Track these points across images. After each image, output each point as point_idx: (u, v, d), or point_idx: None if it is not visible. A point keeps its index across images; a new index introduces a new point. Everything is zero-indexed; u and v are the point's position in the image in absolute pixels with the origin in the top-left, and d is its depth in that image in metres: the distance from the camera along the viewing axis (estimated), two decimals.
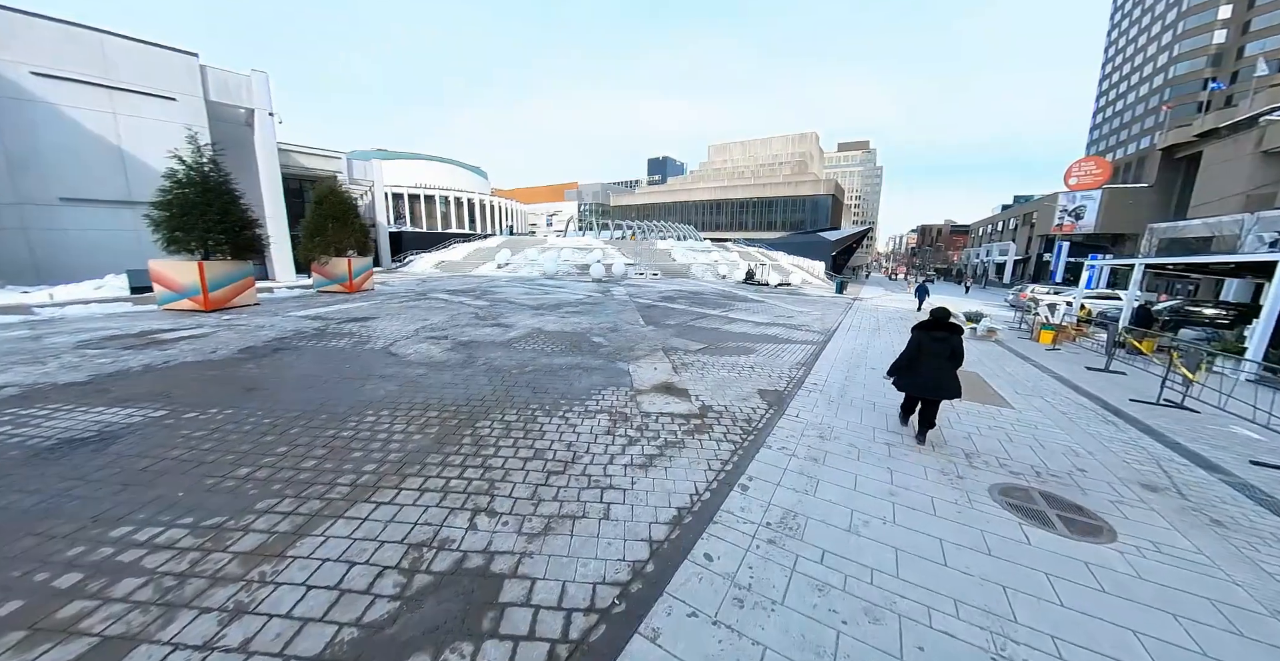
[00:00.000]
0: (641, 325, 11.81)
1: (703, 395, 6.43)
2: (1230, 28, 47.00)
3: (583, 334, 10.34)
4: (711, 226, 75.60)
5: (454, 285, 21.19)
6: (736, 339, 10.71)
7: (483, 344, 8.98)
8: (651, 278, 28.88)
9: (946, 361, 4.89)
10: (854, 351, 10.21)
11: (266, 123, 20.60)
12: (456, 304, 14.48)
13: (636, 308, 15.31)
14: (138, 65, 16.92)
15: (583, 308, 14.73)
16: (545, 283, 24.06)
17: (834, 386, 7.34)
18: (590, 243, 36.69)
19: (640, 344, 9.52)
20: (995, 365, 9.86)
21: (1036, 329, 13.92)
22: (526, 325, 11.10)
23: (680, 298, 19.10)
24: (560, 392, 6.29)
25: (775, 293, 25.22)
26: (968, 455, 4.98)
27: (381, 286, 19.62)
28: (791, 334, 11.96)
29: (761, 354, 9.30)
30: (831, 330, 13.07)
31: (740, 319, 14.00)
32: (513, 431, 4.97)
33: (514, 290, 19.53)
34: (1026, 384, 8.38)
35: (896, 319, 16.77)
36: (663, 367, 7.74)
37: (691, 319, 13.41)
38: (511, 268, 30.57)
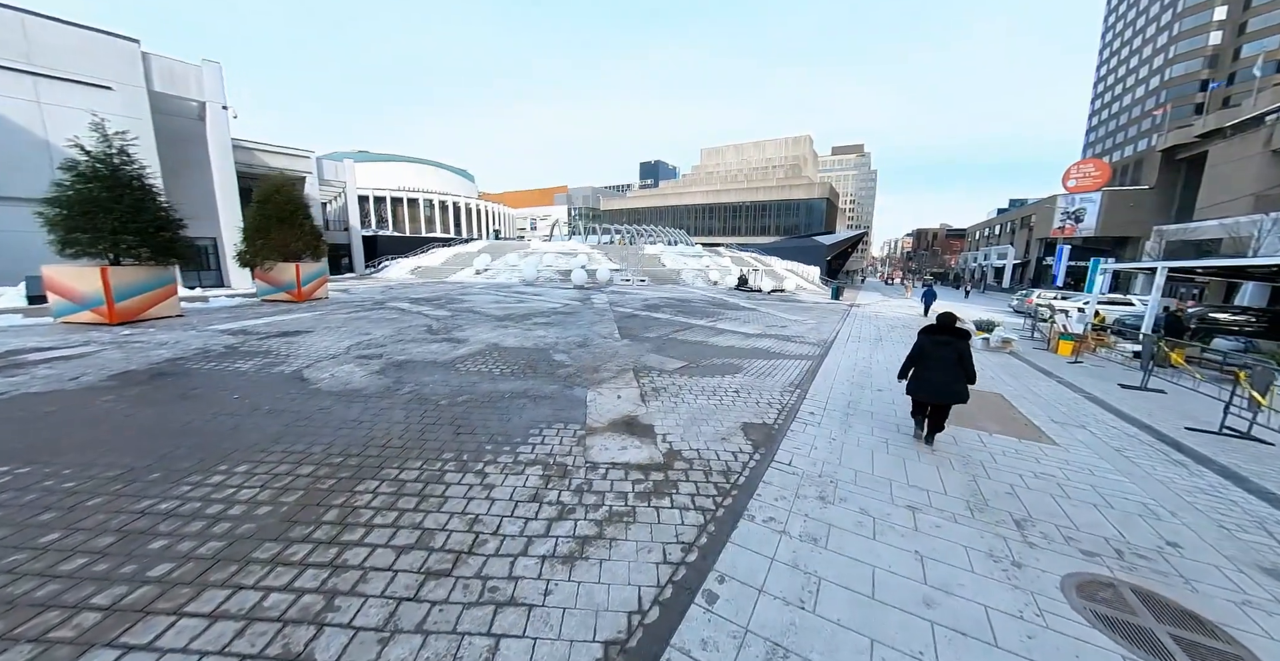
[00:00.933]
0: (616, 339, 10.56)
1: (672, 434, 5.17)
2: (1226, 29, 47.02)
3: (545, 350, 9.07)
4: (704, 231, 74.78)
5: (421, 293, 19.85)
6: (722, 354, 9.49)
7: (420, 365, 7.68)
8: (639, 284, 27.69)
9: (952, 366, 4.84)
10: (855, 367, 9.02)
11: (219, 117, 19.29)
12: (413, 314, 13.17)
13: (615, 317, 14.07)
14: (67, 50, 15.55)
15: (555, 318, 13.47)
16: (523, 289, 22.78)
17: (835, 415, 6.12)
18: (575, 247, 35.50)
19: (609, 362, 8.26)
20: (1018, 383, 8.70)
21: (1054, 338, 12.83)
22: (482, 340, 9.81)
23: (666, 306, 17.88)
24: (490, 433, 5.01)
25: (768, 299, 24.09)
26: (1019, 523, 3.76)
27: (340, 294, 18.26)
28: (784, 347, 10.76)
29: (750, 373, 8.07)
30: (829, 342, 11.89)
31: (729, 330, 12.79)
32: (403, 498, 3.69)
33: (485, 298, 18.23)
34: (1060, 408, 7.20)
35: (899, 327, 15.65)
36: (629, 395, 6.48)
37: (674, 330, 12.18)
38: (490, 273, 29.27)
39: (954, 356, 4.86)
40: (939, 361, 4.91)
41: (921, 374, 5.02)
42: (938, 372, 4.90)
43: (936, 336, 5.05)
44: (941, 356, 4.91)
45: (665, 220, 75.50)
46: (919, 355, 5.08)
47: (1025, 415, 6.72)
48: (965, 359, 4.86)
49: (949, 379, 4.85)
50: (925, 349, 5.04)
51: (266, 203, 13.91)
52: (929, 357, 4.99)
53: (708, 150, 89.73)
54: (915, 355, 5.13)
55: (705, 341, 10.82)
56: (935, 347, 4.98)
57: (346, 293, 19.57)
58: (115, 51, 16.46)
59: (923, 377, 5.00)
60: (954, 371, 4.85)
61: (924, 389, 5.00)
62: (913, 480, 4.40)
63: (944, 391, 4.88)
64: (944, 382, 4.87)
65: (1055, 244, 45.15)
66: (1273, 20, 42.88)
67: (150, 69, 17.42)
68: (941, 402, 4.98)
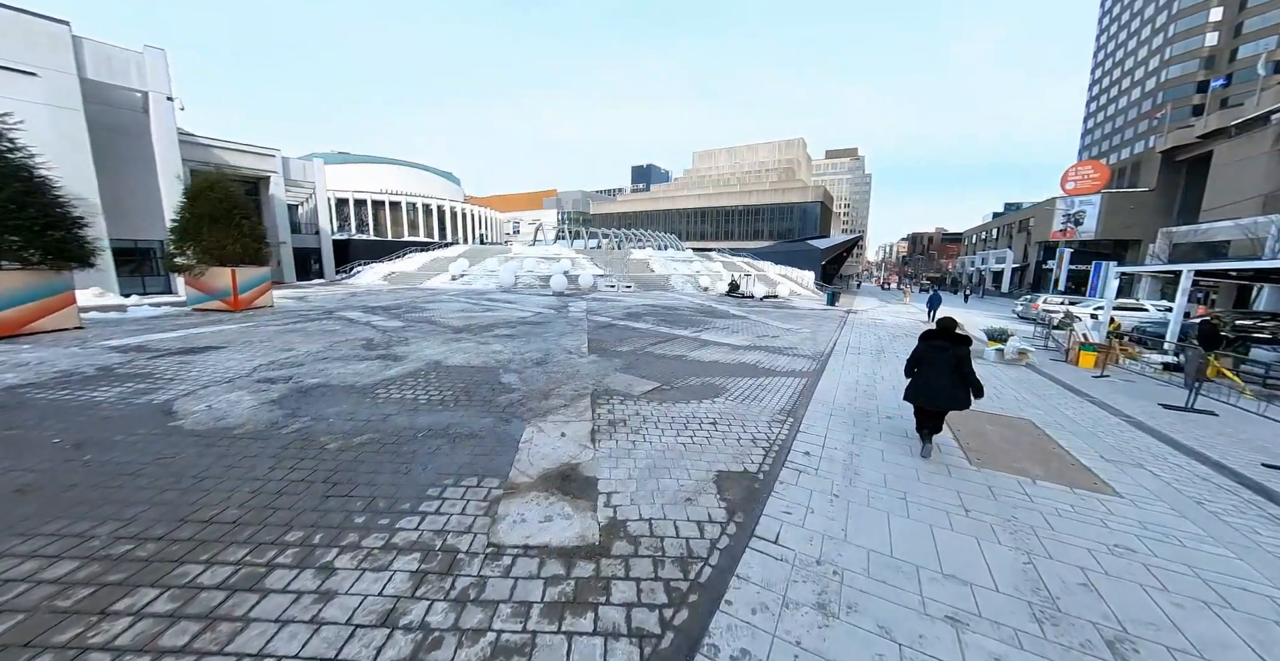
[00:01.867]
0: (582, 354, 9.32)
1: (619, 493, 3.93)
2: (1222, 30, 47.06)
3: (494, 370, 7.81)
4: (696, 236, 73.96)
5: (384, 300, 18.51)
6: (703, 372, 8.27)
7: (332, 391, 6.40)
8: (624, 290, 26.52)
9: (949, 372, 4.80)
10: (857, 386, 7.83)
11: (164, 109, 17.97)
12: (359, 326, 11.85)
13: (589, 328, 12.83)
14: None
15: (520, 329, 12.21)
16: (497, 297, 21.51)
17: (836, 456, 4.91)
18: (560, 252, 34.31)
19: (565, 385, 7.01)
20: (1045, 404, 7.56)
21: (1074, 349, 11.76)
22: (424, 357, 8.53)
23: (649, 314, 16.68)
24: (372, 496, 3.74)
25: (761, 306, 22.98)
26: (1113, 645, 2.55)
27: (291, 303, 16.88)
28: (775, 361, 9.58)
29: (733, 396, 6.86)
30: (825, 354, 10.73)
31: (714, 341, 11.59)
32: (177, 625, 2.41)
33: (451, 306, 16.93)
34: (1104, 438, 6.04)
35: (901, 336, 14.54)
36: (576, 431, 5.23)
37: (653, 343, 10.97)
38: (467, 280, 27.97)
39: (951, 362, 4.81)
40: (936, 367, 4.87)
41: (919, 379, 5.00)
42: (934, 378, 4.87)
43: (934, 342, 4.99)
44: (939, 362, 4.87)
45: (656, 224, 74.62)
46: (917, 361, 5.06)
47: (1067, 450, 5.55)
48: (964, 365, 4.77)
49: (946, 385, 4.81)
50: (923, 354, 5.00)
51: (198, 200, 12.56)
52: (926, 363, 4.96)
53: (699, 153, 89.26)
54: (913, 360, 5.11)
55: (685, 356, 9.60)
56: (932, 353, 4.93)
57: (303, 300, 18.18)
58: (41, 34, 15.14)
59: (920, 383, 4.98)
60: (951, 377, 4.80)
61: (920, 394, 4.96)
62: (948, 563, 3.18)
63: (940, 397, 4.85)
64: (940, 388, 4.83)
65: (1055, 247, 44.64)
66: (1270, 21, 42.90)
67: (83, 55, 16.11)
68: (937, 408, 4.95)
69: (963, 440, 5.63)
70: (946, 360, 4.84)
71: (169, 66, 17.50)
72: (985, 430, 6.11)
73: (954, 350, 4.85)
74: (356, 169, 65.19)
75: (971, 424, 6.30)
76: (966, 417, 6.51)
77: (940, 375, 4.85)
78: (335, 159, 67.73)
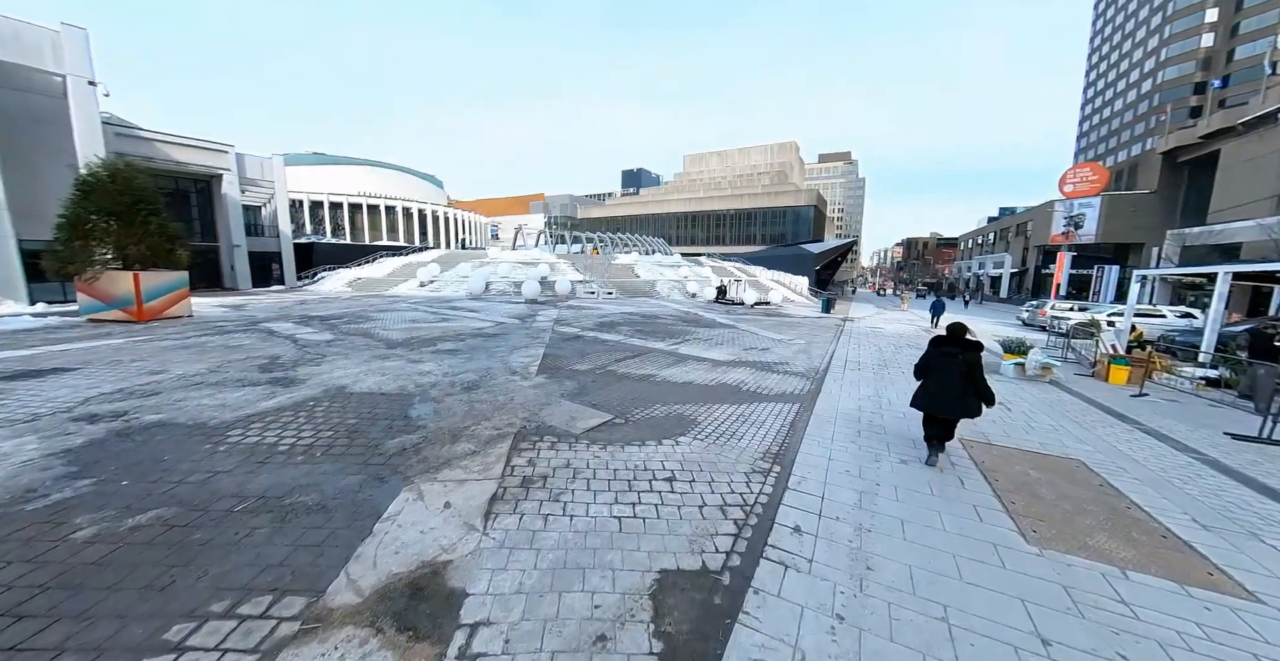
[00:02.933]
0: (529, 375, 7.86)
1: (492, 625, 2.47)
2: (1218, 31, 47.03)
3: (407, 398, 6.33)
4: (686, 240, 72.93)
5: (330, 310, 16.91)
6: (672, 398, 6.84)
7: (168, 433, 4.90)
8: (604, 297, 25.12)
9: (959, 379, 4.70)
10: (860, 415, 6.44)
11: (86, 94, 16.38)
12: (276, 340, 10.31)
13: (551, 341, 11.38)
14: None
15: (469, 343, 10.73)
16: (463, 304, 20.00)
17: (839, 533, 3.50)
18: (539, 257, 32.88)
19: (488, 421, 5.55)
20: (1090, 435, 6.21)
21: (1103, 362, 10.49)
22: (327, 381, 7.03)
23: (625, 323, 15.26)
24: (63, 642, 2.26)
25: (751, 313, 21.66)
26: None
27: (220, 312, 15.24)
28: (763, 381, 8.18)
29: (703, 433, 5.44)
30: (821, 371, 9.35)
31: (693, 356, 10.18)
32: None
33: (403, 316, 15.39)
34: (1186, 489, 4.68)
35: (905, 347, 13.22)
36: (469, 498, 3.77)
37: (620, 359, 9.53)
38: (436, 286, 26.41)
39: (961, 369, 4.71)
40: (945, 374, 4.78)
41: (928, 386, 4.90)
42: (944, 385, 4.77)
43: (944, 348, 4.89)
44: (948, 368, 4.77)
45: (646, 229, 73.55)
46: (925, 367, 4.97)
47: (1146, 510, 4.18)
48: (975, 372, 4.68)
49: (955, 392, 4.71)
50: (932, 361, 4.92)
51: (92, 193, 10.98)
52: (935, 370, 4.87)
53: (691, 156, 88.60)
54: (921, 367, 5.02)
55: (654, 376, 8.17)
56: (942, 359, 4.84)
57: (238, 309, 16.54)
58: None
59: (929, 390, 4.87)
60: (961, 384, 4.71)
61: (929, 402, 4.85)
62: None
63: (950, 405, 4.74)
64: (950, 396, 4.73)
65: (1054, 252, 43.96)
66: (1267, 21, 42.83)
67: None
68: (947, 417, 4.84)
69: (1007, 499, 4.24)
70: (956, 367, 4.71)
71: (90, 49, 15.96)
72: (1031, 479, 4.73)
73: (964, 356, 4.72)
74: (332, 170, 63.51)
75: (1012, 468, 4.93)
76: (1004, 460, 5.14)
77: (950, 382, 4.72)
78: (309, 160, 66.07)
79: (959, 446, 5.46)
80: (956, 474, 4.71)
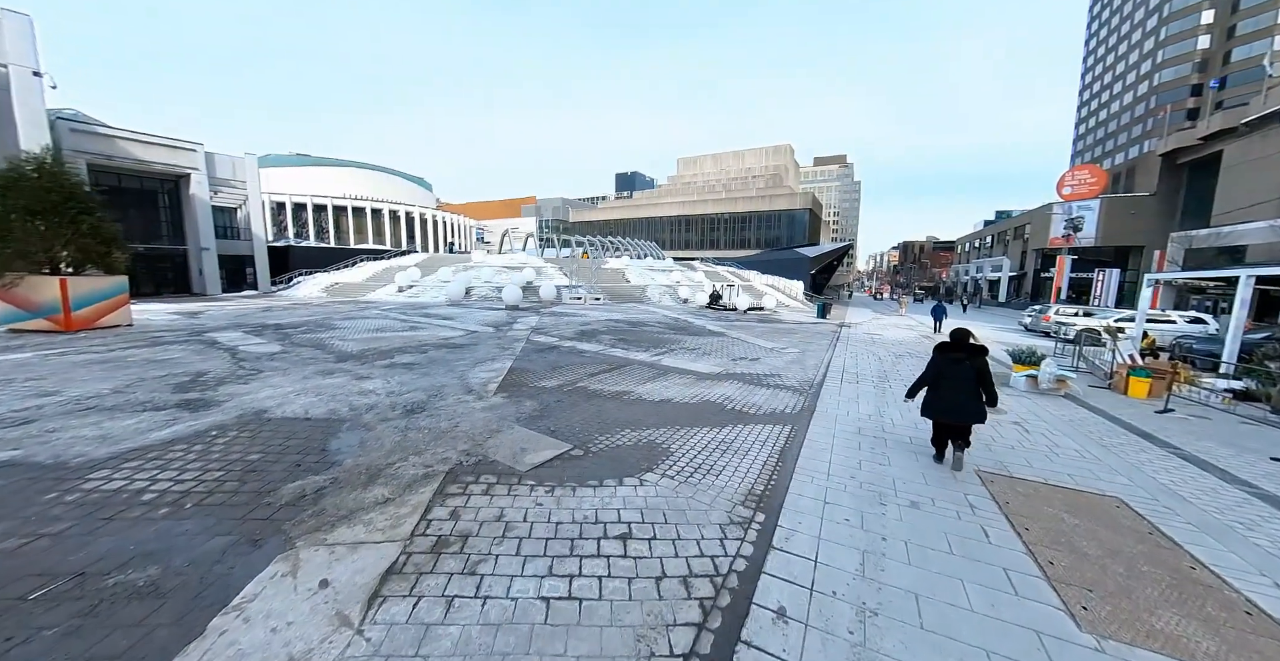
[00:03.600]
0: (485, 394, 7.04)
1: None
2: (1214, 33, 47.13)
3: (334, 424, 5.50)
4: (680, 244, 72.36)
5: (292, 317, 16.00)
6: (645, 420, 6.05)
7: (7, 475, 4.04)
8: (592, 303, 24.33)
9: (969, 384, 4.73)
10: (861, 438, 5.66)
11: (30, 85, 15.48)
12: (213, 353, 9.42)
13: (523, 352, 10.57)
14: None
15: (430, 356, 9.90)
16: (438, 311, 19.14)
17: (838, 616, 2.70)
18: (525, 261, 32.08)
19: (421, 454, 4.73)
20: (1123, 463, 5.46)
21: (1121, 374, 9.79)
22: (248, 403, 6.18)
23: (608, 331, 14.47)
24: None
25: (744, 319, 20.93)
26: None
27: (169, 320, 14.30)
28: (751, 397, 7.40)
29: (675, 467, 4.65)
30: (817, 384, 8.59)
31: (677, 368, 9.40)
32: None
33: (367, 324, 14.52)
34: (1254, 540, 3.92)
35: (906, 355, 12.50)
36: (357, 572, 2.95)
37: (593, 374, 8.73)
38: (415, 291, 25.53)
39: (971, 374, 4.73)
40: (955, 380, 4.76)
41: (937, 393, 4.85)
42: (954, 392, 4.74)
43: (951, 353, 4.87)
44: (957, 374, 4.76)
45: (639, 233, 72.97)
46: (935, 374, 4.91)
47: (1214, 572, 3.40)
48: (984, 377, 4.73)
49: (966, 398, 4.70)
50: (941, 367, 4.88)
51: (11, 190, 10.04)
52: (945, 376, 4.84)
53: (684, 160, 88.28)
54: (930, 375, 4.96)
55: (629, 393, 7.37)
56: (950, 366, 4.83)
57: (191, 317, 15.60)
58: None
59: (939, 397, 4.82)
60: (971, 390, 4.72)
61: (941, 410, 4.81)
62: None
63: (961, 412, 4.72)
64: (961, 403, 4.71)
65: (1053, 255, 43.62)
66: (1264, 22, 42.92)
67: None
68: (960, 423, 4.79)
69: (1044, 557, 3.46)
70: (965, 372, 4.74)
71: (36, 37, 15.08)
72: (1067, 527, 3.96)
73: (972, 361, 4.76)
74: (316, 172, 62.49)
75: (1042, 511, 4.16)
76: (1031, 499, 4.37)
77: (960, 388, 4.72)
78: (292, 161, 65.11)
79: (977, 482, 4.70)
80: (979, 521, 3.93)
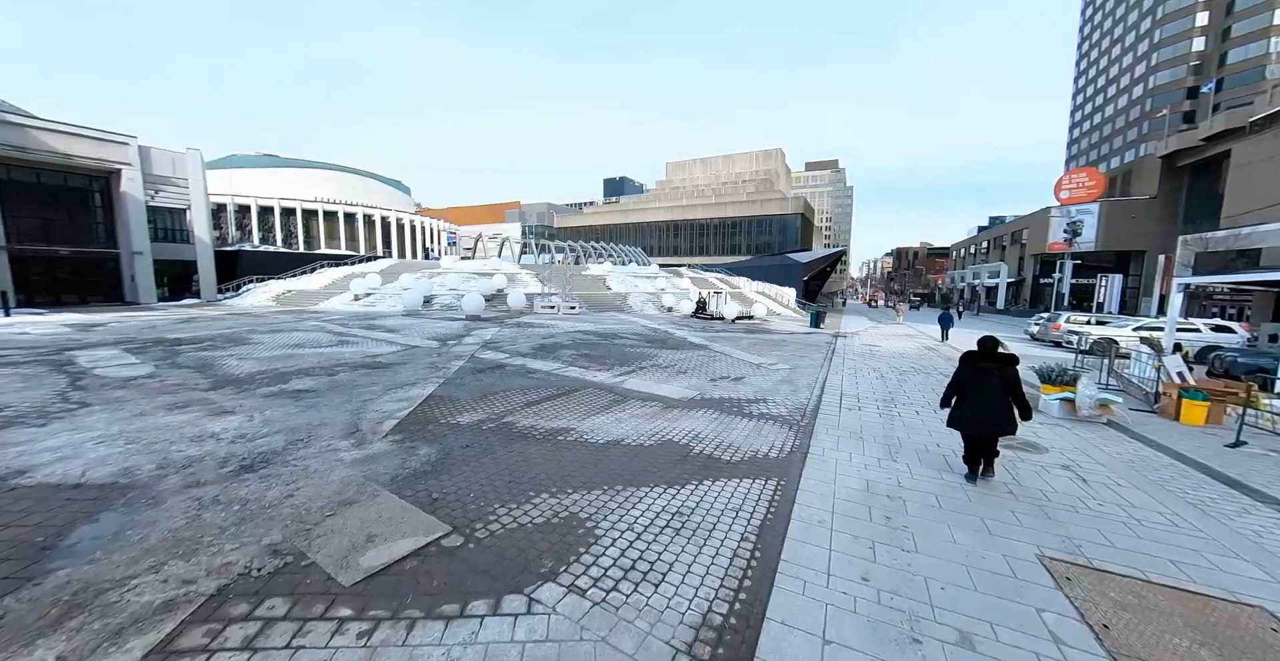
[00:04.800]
0: (370, 438, 5.41)
1: None
2: (1209, 35, 47.21)
3: (111, 493, 3.86)
4: (669, 250, 71.21)
5: (208, 330, 14.19)
6: (572, 478, 4.47)
7: None
8: (566, 312, 22.75)
9: (999, 395, 4.59)
10: (871, 503, 4.13)
11: None
12: (46, 379, 7.66)
13: (457, 373, 8.96)
14: None
15: (335, 381, 8.24)
16: (386, 323, 17.44)
17: None
18: (499, 267, 30.46)
19: (190, 558, 3.10)
20: (1226, 531, 4.02)
21: (1171, 396, 8.39)
22: (12, 458, 4.51)
23: (572, 346, 12.90)
24: None
25: (731, 330, 19.47)
26: None
27: (39, 334, 12.47)
28: (726, 434, 5.85)
29: (591, 570, 3.07)
30: (810, 411, 7.08)
31: (639, 393, 7.85)
32: None
33: (290, 339, 12.77)
34: None
35: (911, 371, 11.05)
36: None
37: (533, 402, 7.14)
38: (372, 300, 23.78)
39: (1000, 384, 4.59)
40: (984, 390, 4.62)
41: (965, 404, 4.72)
42: (984, 402, 4.61)
43: (980, 363, 4.71)
44: (987, 385, 4.63)
45: (626, 239, 71.73)
46: (961, 383, 4.78)
47: None
48: (1014, 387, 4.60)
49: (997, 408, 4.56)
50: (969, 377, 4.74)
51: None
52: (973, 386, 4.70)
53: (673, 164, 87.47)
54: (957, 384, 4.82)
55: (568, 432, 5.78)
56: (980, 376, 4.67)
57: (83, 330, 13.76)
58: None
59: (967, 408, 4.69)
60: (1001, 400, 4.57)
61: (969, 421, 4.69)
62: None
63: (991, 422, 4.60)
64: (992, 413, 4.57)
65: (1052, 260, 42.90)
66: (1259, 24, 42.96)
67: None
68: (989, 434, 4.68)
69: None
70: (995, 382, 4.59)
71: None
72: None
73: (1002, 371, 4.62)
74: (286, 174, 60.31)
75: (1160, 639, 2.63)
76: (1140, 618, 2.84)
77: (991, 399, 4.58)
78: (260, 162, 62.95)
79: (1048, 581, 3.19)
80: None
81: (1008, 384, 4.56)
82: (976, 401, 4.63)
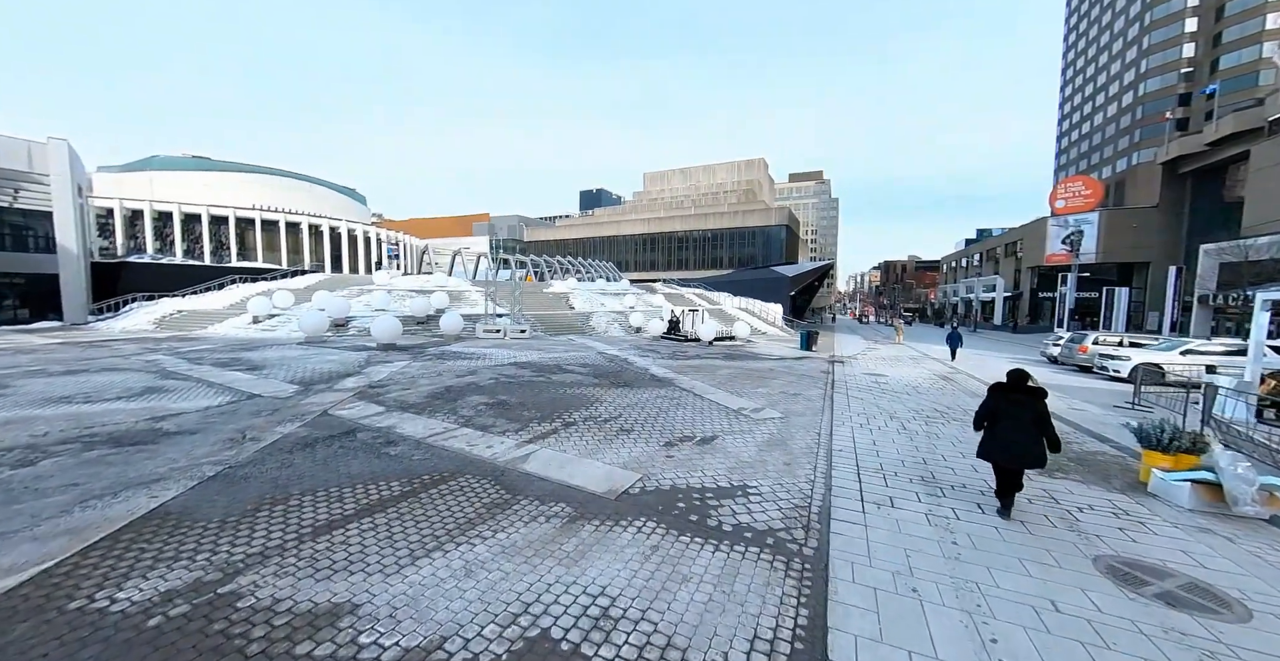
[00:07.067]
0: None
1: None
2: (1200, 41, 47.63)
3: None
4: (645, 265, 69.00)
5: None
6: None
7: None
8: (513, 336, 19.86)
9: (1028, 427, 4.67)
10: None
11: None
12: None
13: (274, 447, 6.04)
14: None
15: (47, 468, 5.25)
16: (266, 354, 14.33)
17: None
18: (442, 284, 27.50)
19: None
20: None
21: None
22: None
23: (491, 387, 10.04)
24: None
25: (707, 353, 16.83)
26: None
27: None
28: (664, 603, 3.05)
29: None
30: (816, 510, 4.32)
31: (545, 481, 5.04)
32: None
33: (96, 380, 9.67)
34: None
35: (939, 416, 8.42)
36: None
37: (354, 513, 4.29)
38: (274, 322, 20.56)
39: (1031, 417, 4.66)
40: (1014, 421, 4.72)
41: (995, 434, 4.81)
42: (1013, 433, 4.69)
43: (1011, 395, 4.83)
44: (1017, 416, 4.71)
45: (601, 253, 69.33)
46: (994, 413, 4.87)
47: None
48: (1044, 420, 4.66)
49: (1026, 440, 4.64)
50: (999, 409, 4.84)
51: None
52: (1003, 417, 4.78)
53: (651, 174, 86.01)
54: (984, 415, 4.94)
55: (336, 617, 2.94)
56: (1010, 407, 4.79)
57: None
58: None
59: (997, 438, 4.77)
60: (1030, 433, 4.65)
61: (998, 451, 4.76)
62: None
63: (1020, 454, 4.65)
64: (1023, 445, 4.63)
65: (1050, 273, 41.67)
66: (1250, 29, 43.31)
67: None
68: (1018, 467, 4.74)
69: None
70: (1026, 415, 4.66)
71: None
72: None
73: (1035, 405, 4.68)
74: (218, 178, 56.35)
75: None
76: None
77: (1021, 430, 4.65)
78: (188, 164, 58.90)
79: None
80: None
81: (1039, 417, 4.65)
82: (1008, 433, 4.70)
